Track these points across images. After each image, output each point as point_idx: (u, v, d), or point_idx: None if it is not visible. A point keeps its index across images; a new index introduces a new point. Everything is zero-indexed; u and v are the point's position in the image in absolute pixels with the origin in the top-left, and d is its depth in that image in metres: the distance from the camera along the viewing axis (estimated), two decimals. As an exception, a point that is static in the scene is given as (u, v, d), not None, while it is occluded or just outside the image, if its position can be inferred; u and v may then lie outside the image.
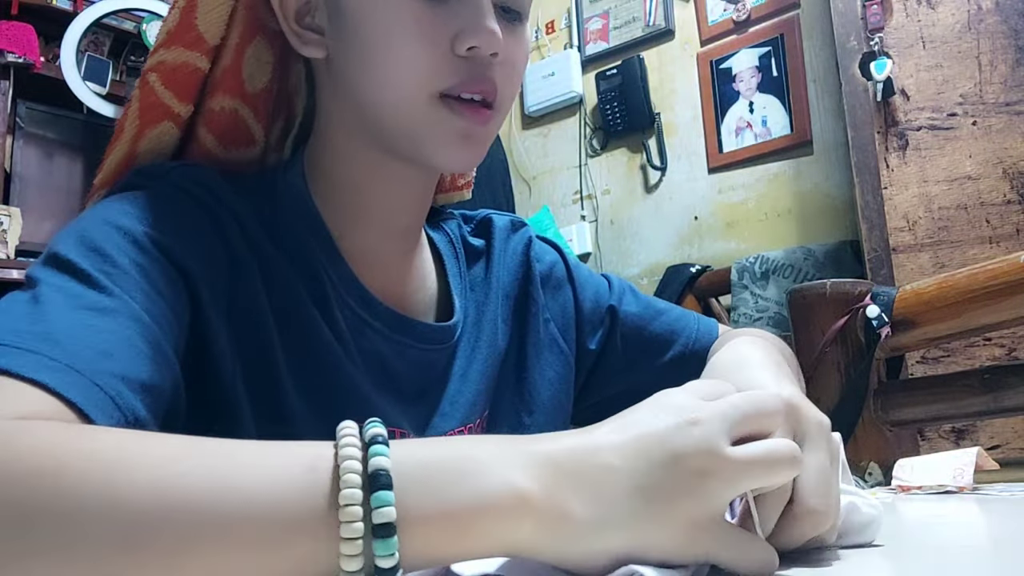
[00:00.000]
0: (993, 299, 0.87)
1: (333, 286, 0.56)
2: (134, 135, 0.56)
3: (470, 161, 0.56)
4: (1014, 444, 1.73)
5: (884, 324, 0.95)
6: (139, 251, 0.45)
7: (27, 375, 0.34)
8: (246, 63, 0.58)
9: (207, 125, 0.58)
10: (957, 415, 0.95)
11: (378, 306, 0.58)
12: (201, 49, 0.55)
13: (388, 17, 0.52)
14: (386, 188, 0.59)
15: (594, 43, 3.04)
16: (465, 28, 0.51)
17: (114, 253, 0.44)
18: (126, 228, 0.46)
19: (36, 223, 2.77)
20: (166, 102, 0.55)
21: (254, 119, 0.60)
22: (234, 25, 0.56)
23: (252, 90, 0.59)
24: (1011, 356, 1.76)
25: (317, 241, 0.57)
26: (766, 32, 2.61)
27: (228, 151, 0.59)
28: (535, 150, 3.20)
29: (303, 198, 0.58)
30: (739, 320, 2.37)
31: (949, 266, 1.85)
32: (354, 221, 0.59)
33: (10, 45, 2.66)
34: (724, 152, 2.69)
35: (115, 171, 0.57)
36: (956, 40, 1.93)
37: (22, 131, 2.81)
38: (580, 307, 0.72)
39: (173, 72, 0.55)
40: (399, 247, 0.62)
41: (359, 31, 0.53)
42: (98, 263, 0.43)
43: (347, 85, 0.56)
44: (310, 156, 0.60)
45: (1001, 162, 1.87)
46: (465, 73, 0.52)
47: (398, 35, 0.52)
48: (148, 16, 2.76)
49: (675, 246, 2.79)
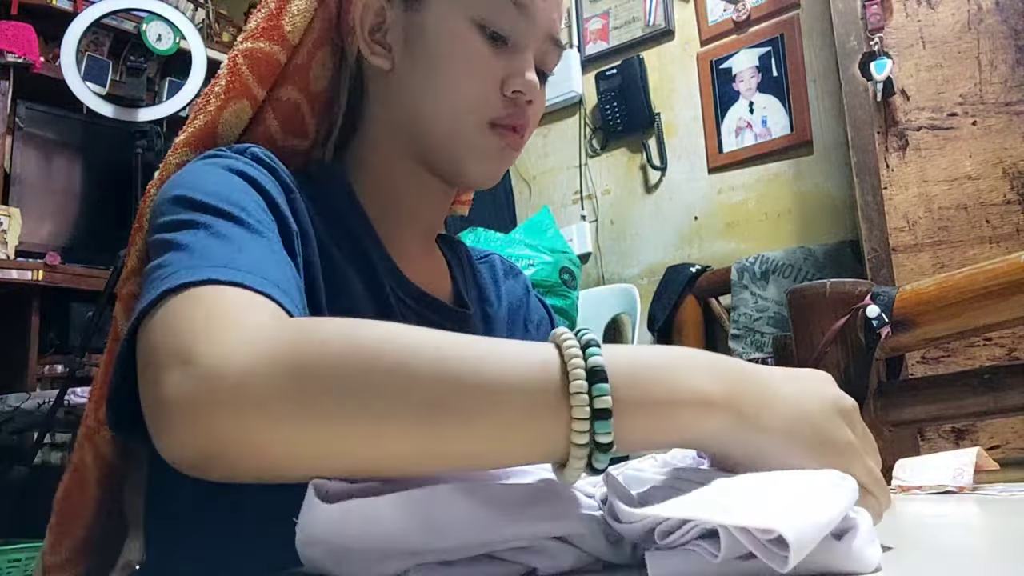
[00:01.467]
0: (993, 299, 0.87)
1: (377, 262, 0.65)
2: (219, 106, 0.64)
3: (496, 177, 0.68)
4: (1014, 444, 1.73)
5: (884, 324, 0.94)
6: (256, 193, 0.54)
7: (260, 289, 0.44)
8: (314, 64, 0.68)
9: (274, 111, 0.67)
10: (957, 415, 0.95)
11: (410, 285, 0.67)
12: (284, 45, 0.65)
13: (460, 52, 0.63)
14: (417, 191, 0.70)
15: (594, 43, 3.04)
16: (514, 75, 0.64)
17: (244, 199, 0.53)
18: (241, 173, 0.56)
19: (36, 223, 2.77)
20: (248, 84, 0.64)
21: (310, 114, 0.69)
22: (311, 31, 0.67)
23: (314, 89, 0.69)
24: (1011, 356, 1.76)
25: (362, 227, 0.66)
26: (766, 32, 2.61)
27: (285, 138, 0.68)
28: (535, 150, 3.20)
29: (348, 190, 0.68)
30: (739, 320, 2.37)
31: (949, 266, 1.85)
32: (388, 214, 0.69)
33: (10, 45, 2.66)
34: (724, 152, 2.69)
35: (198, 134, 0.64)
36: (956, 40, 1.93)
37: (22, 131, 2.81)
38: None
39: (258, 60, 0.64)
40: (422, 243, 0.73)
41: (427, 55, 0.64)
42: (237, 209, 0.51)
43: (404, 99, 0.66)
44: (354, 154, 0.70)
45: (1001, 162, 1.87)
46: (510, 109, 0.65)
47: (462, 67, 0.63)
48: (148, 16, 2.76)
49: (675, 246, 2.79)
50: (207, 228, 0.49)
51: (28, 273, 2.50)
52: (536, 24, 0.65)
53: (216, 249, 0.47)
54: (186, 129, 0.65)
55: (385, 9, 0.66)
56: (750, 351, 2.31)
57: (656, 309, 2.61)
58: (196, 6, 3.40)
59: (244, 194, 0.54)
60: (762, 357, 2.26)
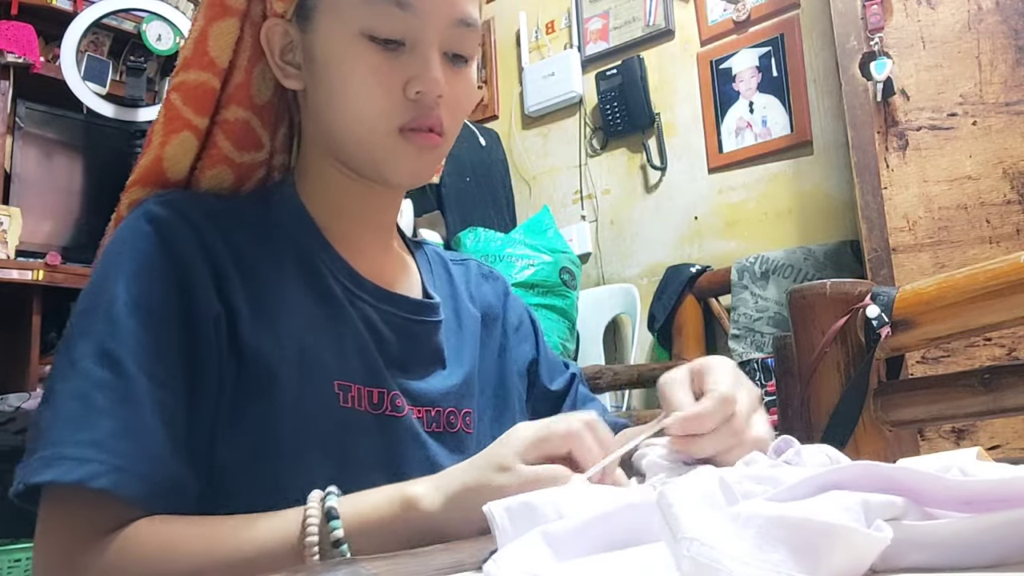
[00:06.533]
0: (993, 299, 0.87)
1: (326, 266, 0.68)
2: (160, 142, 0.66)
3: (422, 178, 0.69)
4: (1014, 444, 1.73)
5: (884, 324, 0.94)
6: (138, 316, 0.57)
7: (94, 486, 0.50)
8: (254, 80, 0.69)
9: (224, 132, 0.68)
10: (957, 415, 0.95)
11: (365, 282, 0.69)
12: (214, 71, 0.66)
13: (350, 65, 0.63)
14: (359, 194, 0.71)
15: (594, 43, 3.04)
16: (414, 76, 0.63)
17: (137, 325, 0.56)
18: (128, 302, 0.57)
19: (36, 223, 2.77)
20: (185, 116, 0.66)
21: (261, 127, 0.71)
22: (242, 50, 0.68)
23: (259, 102, 0.70)
24: (1011, 356, 1.76)
25: (311, 236, 0.69)
26: (766, 32, 2.61)
27: (241, 154, 0.70)
28: (535, 150, 3.20)
29: (294, 200, 0.70)
30: (739, 320, 2.37)
31: (949, 266, 1.85)
32: (336, 217, 0.71)
33: (10, 45, 2.66)
34: (724, 152, 2.69)
35: (145, 172, 0.67)
36: (956, 40, 1.93)
37: (22, 131, 2.81)
38: (541, 351, 0.86)
39: (191, 90, 0.66)
40: (377, 238, 0.75)
41: (326, 75, 0.65)
42: (123, 348, 0.55)
43: (319, 117, 0.68)
44: (299, 167, 0.73)
45: (1001, 162, 1.87)
46: (415, 111, 0.64)
47: (359, 81, 0.63)
48: (148, 16, 2.76)
49: (675, 246, 2.79)
50: (84, 376, 0.54)
51: (29, 273, 2.50)
52: (429, 17, 0.63)
53: (67, 422, 0.53)
54: (135, 168, 0.67)
55: (289, 30, 0.67)
56: (750, 351, 2.32)
57: (656, 309, 2.61)
58: (196, 6, 3.40)
59: (142, 314, 0.57)
60: (762, 357, 2.26)
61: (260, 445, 0.59)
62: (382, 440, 0.65)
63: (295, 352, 0.62)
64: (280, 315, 0.62)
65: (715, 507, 0.32)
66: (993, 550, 0.31)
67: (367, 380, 0.65)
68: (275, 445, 0.59)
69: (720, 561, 0.27)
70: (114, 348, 0.54)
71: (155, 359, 0.56)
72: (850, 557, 0.29)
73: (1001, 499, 0.32)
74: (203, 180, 0.69)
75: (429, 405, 0.69)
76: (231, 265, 0.61)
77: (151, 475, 0.52)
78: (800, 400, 1.02)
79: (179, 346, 0.57)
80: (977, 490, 0.33)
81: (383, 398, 0.66)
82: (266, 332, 0.61)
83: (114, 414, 0.53)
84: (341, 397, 0.63)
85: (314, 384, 0.62)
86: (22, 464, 0.53)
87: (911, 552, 0.31)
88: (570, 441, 0.52)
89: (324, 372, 0.63)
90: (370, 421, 0.64)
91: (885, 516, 0.32)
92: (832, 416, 0.98)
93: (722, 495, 0.34)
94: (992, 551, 0.31)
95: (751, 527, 0.29)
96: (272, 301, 0.63)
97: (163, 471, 0.53)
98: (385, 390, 0.66)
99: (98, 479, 0.50)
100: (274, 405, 0.59)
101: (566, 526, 0.35)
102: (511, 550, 0.33)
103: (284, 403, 0.60)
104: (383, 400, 0.66)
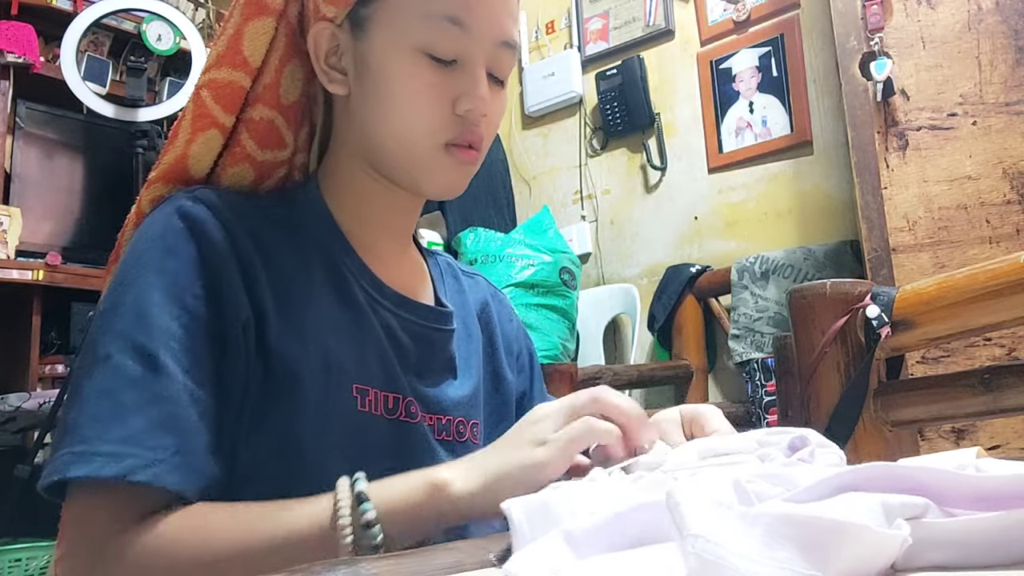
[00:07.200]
0: (993, 299, 0.87)
1: (349, 270, 0.68)
2: (187, 139, 0.66)
3: (456, 191, 0.70)
4: (1014, 444, 1.73)
5: (884, 324, 0.95)
6: (172, 313, 0.56)
7: (132, 480, 0.51)
8: (283, 80, 0.69)
9: (249, 131, 0.68)
10: (957, 415, 0.95)
11: (385, 287, 0.70)
12: (246, 70, 0.66)
13: (404, 78, 0.64)
14: (385, 200, 0.72)
15: (594, 43, 3.04)
16: (464, 94, 0.64)
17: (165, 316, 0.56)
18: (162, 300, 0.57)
19: (36, 223, 2.77)
20: (214, 113, 0.66)
21: (286, 127, 0.70)
22: (275, 50, 0.67)
23: (286, 102, 0.70)
24: (1011, 356, 1.76)
25: (334, 238, 0.69)
26: (766, 32, 2.61)
27: (264, 152, 0.70)
28: (535, 150, 3.20)
29: (318, 202, 0.70)
30: (739, 320, 2.37)
31: (949, 266, 1.85)
32: (360, 222, 0.71)
33: (10, 45, 2.66)
34: (724, 152, 2.69)
35: (169, 169, 0.67)
36: (956, 40, 1.93)
37: (22, 131, 2.81)
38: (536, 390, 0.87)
39: (221, 88, 0.66)
40: (397, 245, 0.75)
41: (378, 84, 0.65)
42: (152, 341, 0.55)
43: (362, 124, 0.68)
44: (325, 168, 0.73)
45: (1001, 162, 1.87)
46: (461, 127, 0.65)
47: (411, 94, 0.64)
48: (148, 16, 2.76)
49: (675, 246, 2.79)
50: (114, 372, 0.54)
51: (29, 273, 2.50)
52: (481, 38, 0.65)
53: (98, 420, 0.53)
54: (158, 165, 0.67)
55: (337, 34, 0.67)
56: (750, 351, 2.32)
57: (656, 309, 2.61)
58: (196, 6, 3.40)
59: (176, 312, 0.57)
60: (762, 357, 2.26)
61: (282, 447, 0.59)
62: (395, 445, 0.65)
63: (319, 355, 0.62)
64: (306, 317, 0.63)
65: (724, 506, 0.32)
66: (1013, 548, 0.31)
67: (384, 385, 0.66)
68: (296, 448, 0.59)
69: (726, 558, 0.27)
70: (148, 344, 0.54)
71: (190, 357, 0.56)
72: (862, 555, 0.29)
73: (1016, 496, 0.32)
74: (224, 177, 0.69)
75: (440, 413, 0.70)
76: (260, 265, 0.61)
77: (188, 468, 0.53)
78: (800, 400, 1.02)
79: (211, 346, 0.57)
80: (991, 487, 0.33)
81: (398, 403, 0.66)
82: (291, 334, 0.61)
83: (150, 409, 0.53)
84: (359, 401, 0.64)
85: (335, 388, 0.62)
86: (52, 458, 0.53)
87: (929, 550, 0.31)
88: (597, 406, 0.53)
89: (344, 376, 0.63)
90: (385, 426, 0.65)
91: (906, 516, 0.32)
92: (832, 416, 0.98)
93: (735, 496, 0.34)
94: (1013, 549, 0.31)
95: (759, 525, 0.29)
96: (298, 302, 0.63)
97: (199, 465, 0.54)
98: (400, 395, 0.67)
99: (136, 473, 0.51)
100: (297, 408, 0.60)
101: (585, 524, 0.35)
102: (532, 550, 0.33)
103: (307, 406, 0.60)
104: (398, 405, 0.66)
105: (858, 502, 0.32)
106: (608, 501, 0.39)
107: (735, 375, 2.51)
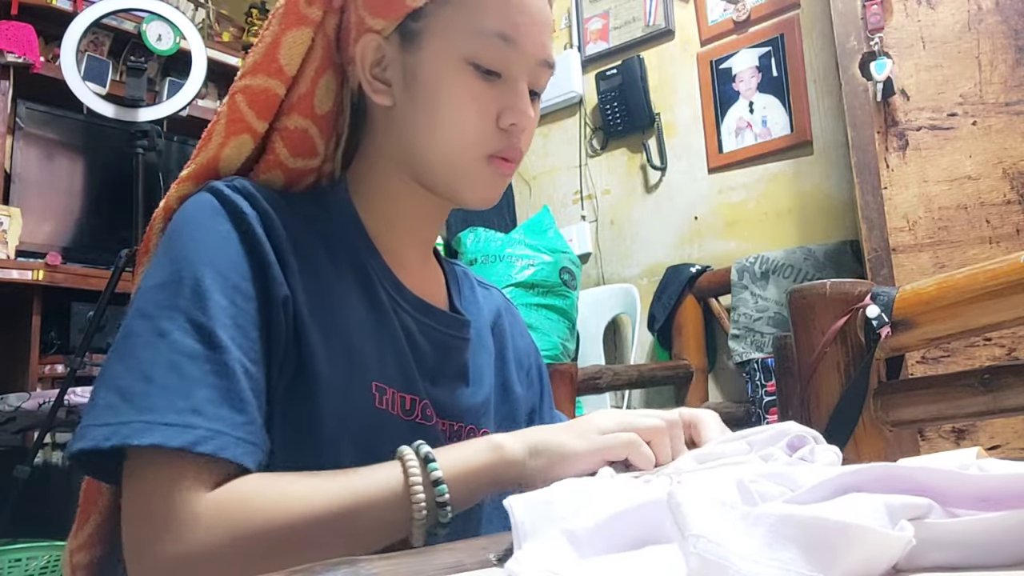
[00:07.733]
0: (993, 299, 0.87)
1: (375, 272, 0.70)
2: (220, 143, 0.68)
3: (492, 202, 0.72)
4: (1014, 444, 1.73)
5: (884, 324, 0.95)
6: (225, 292, 0.58)
7: (198, 451, 0.52)
8: (318, 91, 0.70)
9: (283, 139, 0.70)
10: (957, 415, 0.95)
11: (407, 292, 0.72)
12: (281, 78, 0.68)
13: (454, 90, 0.66)
14: (414, 207, 0.73)
15: (594, 43, 3.04)
16: (508, 107, 0.67)
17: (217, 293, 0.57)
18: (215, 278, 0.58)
19: (36, 223, 2.77)
20: (247, 119, 0.67)
21: (319, 136, 0.72)
22: (311, 60, 0.69)
23: (320, 112, 0.71)
24: (1011, 356, 1.76)
25: (361, 241, 0.71)
26: (766, 32, 2.61)
27: (296, 160, 0.71)
28: (535, 150, 3.20)
29: (347, 205, 0.72)
30: (739, 320, 2.37)
31: (949, 266, 1.85)
32: (387, 227, 0.73)
33: (10, 45, 2.66)
34: (724, 152, 2.69)
35: (201, 170, 0.68)
36: (956, 40, 1.93)
37: (22, 131, 2.81)
38: (546, 406, 0.90)
39: (256, 95, 0.67)
40: (420, 254, 0.77)
41: (427, 96, 0.67)
42: (205, 316, 0.56)
43: (405, 133, 0.69)
44: (355, 173, 0.74)
45: (1001, 162, 1.87)
46: (505, 141, 0.68)
47: (460, 106, 0.66)
48: (148, 16, 2.76)
49: (675, 246, 2.79)
50: (175, 346, 0.55)
51: (29, 273, 2.50)
52: (525, 55, 0.68)
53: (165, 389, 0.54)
54: (190, 164, 0.69)
55: (383, 46, 0.69)
56: (750, 351, 2.32)
57: (656, 309, 2.61)
58: (196, 6, 3.40)
59: (229, 290, 0.58)
60: (762, 357, 2.26)
61: (300, 435, 0.60)
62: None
63: (342, 348, 0.64)
64: (332, 310, 0.64)
65: (726, 506, 0.31)
66: (1016, 549, 0.30)
67: (402, 386, 0.67)
68: (315, 437, 0.60)
69: (728, 559, 0.27)
70: (205, 322, 0.56)
71: (244, 334, 0.57)
72: (866, 556, 0.29)
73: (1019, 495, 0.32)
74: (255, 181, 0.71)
75: (453, 419, 0.72)
76: (291, 253, 0.63)
77: (248, 441, 0.55)
78: (800, 400, 1.02)
79: (261, 323, 0.59)
80: (993, 487, 0.33)
81: (415, 405, 0.68)
82: (317, 325, 0.63)
83: (213, 383, 0.55)
84: (377, 398, 0.65)
85: (355, 382, 0.64)
86: (100, 425, 0.53)
87: (932, 551, 0.31)
88: (651, 435, 0.57)
89: (365, 372, 0.65)
90: (401, 426, 0.66)
91: (908, 516, 0.32)
92: (832, 416, 0.98)
93: (739, 496, 0.34)
94: (1016, 550, 0.30)
95: (761, 525, 0.28)
96: (326, 295, 0.65)
97: (257, 438, 0.56)
98: (417, 397, 0.68)
99: (201, 444, 0.52)
100: (316, 398, 0.61)
101: (587, 524, 0.35)
102: (533, 549, 0.33)
103: (327, 396, 0.61)
104: (415, 407, 0.68)
105: (861, 503, 0.31)
106: (610, 501, 0.39)
107: (735, 375, 2.51)
